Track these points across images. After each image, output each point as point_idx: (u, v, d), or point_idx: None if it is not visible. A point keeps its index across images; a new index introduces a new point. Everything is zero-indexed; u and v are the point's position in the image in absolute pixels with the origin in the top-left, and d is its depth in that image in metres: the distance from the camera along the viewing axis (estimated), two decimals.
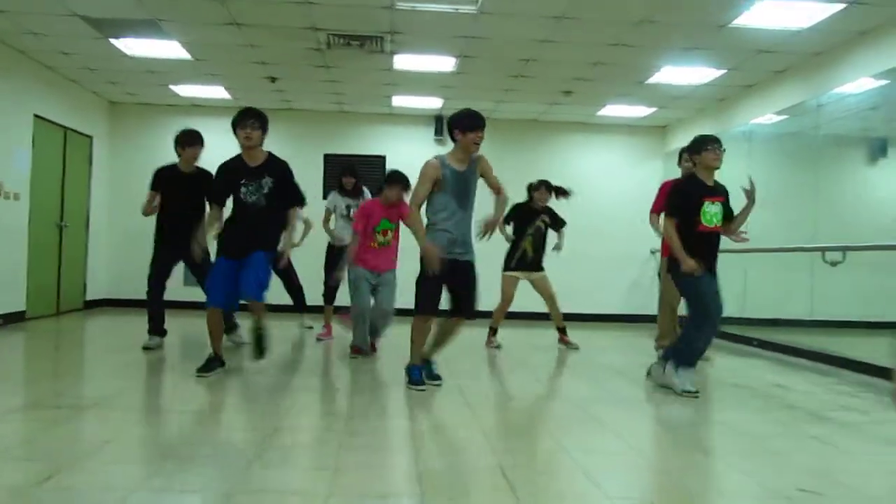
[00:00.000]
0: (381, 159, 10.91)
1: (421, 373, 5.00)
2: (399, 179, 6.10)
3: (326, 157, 10.99)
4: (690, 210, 4.95)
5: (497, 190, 5.16)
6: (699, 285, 4.94)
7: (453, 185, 4.90)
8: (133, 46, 7.91)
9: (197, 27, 7.20)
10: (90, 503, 2.62)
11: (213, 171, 5.48)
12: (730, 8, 6.22)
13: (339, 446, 3.45)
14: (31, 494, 2.66)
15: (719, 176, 5.17)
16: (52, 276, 9.26)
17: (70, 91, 9.60)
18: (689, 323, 5.03)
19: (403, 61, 8.17)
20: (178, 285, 7.40)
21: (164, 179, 6.30)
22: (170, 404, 4.64)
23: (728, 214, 5.13)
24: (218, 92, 9.91)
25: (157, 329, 6.39)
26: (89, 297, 10.20)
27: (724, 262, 8.73)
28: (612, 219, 11.19)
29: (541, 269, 7.55)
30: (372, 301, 6.28)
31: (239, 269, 5.16)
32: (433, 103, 10.30)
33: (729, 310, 8.60)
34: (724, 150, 5.07)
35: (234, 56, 8.16)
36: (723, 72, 8.14)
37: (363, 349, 6.34)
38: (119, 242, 10.44)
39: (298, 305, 8.27)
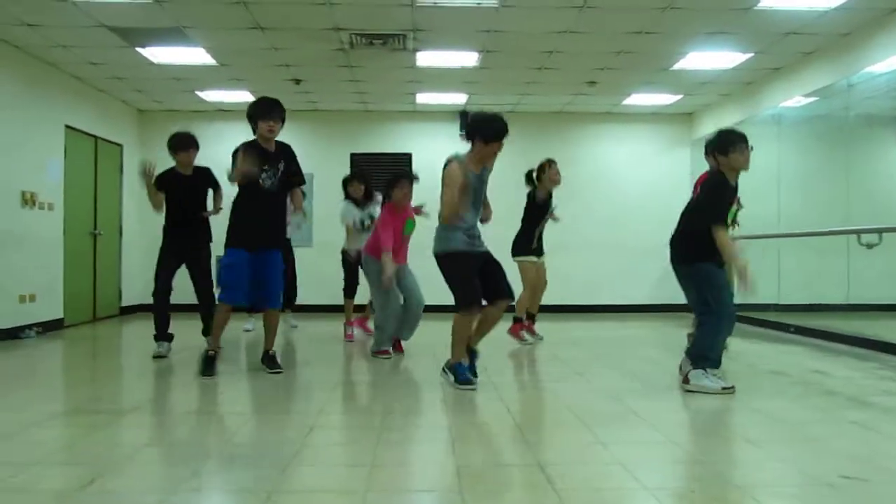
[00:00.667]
0: (408, 157, 10.95)
1: (467, 371, 4.90)
2: (408, 178, 6.20)
3: (353, 156, 11.03)
4: (724, 216, 4.75)
5: (486, 203, 5.05)
6: (719, 281, 4.76)
7: (473, 187, 4.82)
8: (159, 54, 8.01)
9: (221, 32, 7.26)
10: None
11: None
12: None
13: (375, 443, 3.47)
14: (74, 498, 2.70)
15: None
16: (88, 284, 9.42)
17: (99, 101, 9.74)
18: (706, 324, 4.81)
19: (426, 58, 8.17)
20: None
21: (166, 182, 6.25)
22: (205, 407, 4.69)
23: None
24: (243, 96, 9.98)
25: (162, 335, 6.34)
26: (124, 303, 10.36)
27: (756, 248, 8.63)
28: (640, 208, 11.10)
29: (543, 252, 7.31)
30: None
31: (256, 270, 5.31)
32: (457, 99, 10.29)
33: (764, 296, 8.52)
34: (753, 149, 4.79)
35: (258, 60, 8.22)
36: (749, 55, 8.02)
37: (388, 350, 6.32)
38: (152, 248, 10.35)
39: (289, 301, 8.31)
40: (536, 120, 11.03)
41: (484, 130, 4.73)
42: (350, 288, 7.50)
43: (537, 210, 7.17)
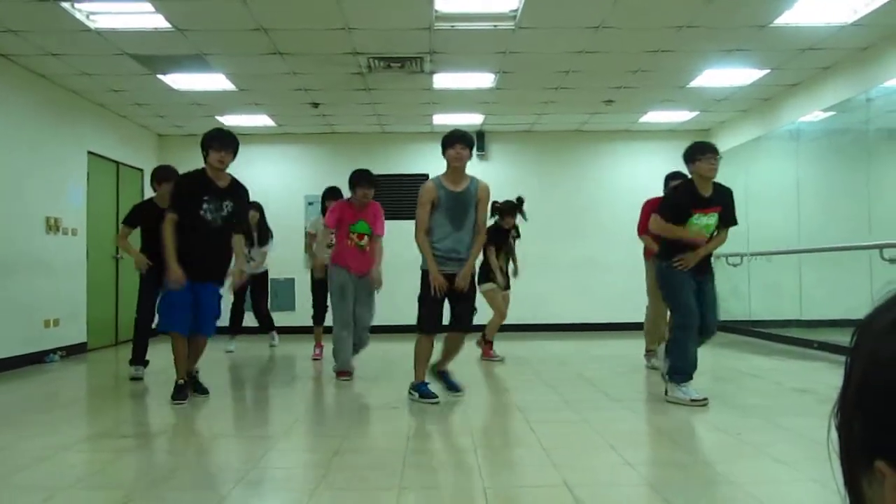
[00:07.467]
0: (425, 178, 10.94)
1: (428, 385, 5.15)
2: (369, 179, 6.27)
3: None
4: (678, 220, 5.00)
5: (478, 229, 5.16)
6: (681, 291, 4.96)
7: (447, 204, 5.03)
8: (180, 81, 8.12)
9: (241, 58, 7.36)
10: None
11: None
12: (771, 7, 6.14)
13: (402, 466, 3.47)
14: None
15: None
16: (111, 308, 9.50)
17: (121, 126, 9.87)
18: (672, 334, 5.06)
19: (443, 80, 8.23)
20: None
21: (144, 213, 6.39)
22: (232, 430, 4.71)
23: (728, 221, 5.12)
24: (262, 120, 10.10)
25: (139, 359, 6.47)
26: None
27: (779, 264, 8.56)
28: None
29: (508, 287, 7.46)
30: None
31: (195, 297, 5.21)
32: (474, 119, 10.35)
33: (787, 312, 8.43)
34: (721, 158, 5.07)
35: (277, 84, 8.32)
36: (766, 72, 8.02)
37: (350, 371, 6.23)
38: None
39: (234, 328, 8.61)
40: (553, 139, 11.06)
41: (444, 140, 5.15)
42: (319, 315, 7.56)
43: (498, 243, 7.34)
